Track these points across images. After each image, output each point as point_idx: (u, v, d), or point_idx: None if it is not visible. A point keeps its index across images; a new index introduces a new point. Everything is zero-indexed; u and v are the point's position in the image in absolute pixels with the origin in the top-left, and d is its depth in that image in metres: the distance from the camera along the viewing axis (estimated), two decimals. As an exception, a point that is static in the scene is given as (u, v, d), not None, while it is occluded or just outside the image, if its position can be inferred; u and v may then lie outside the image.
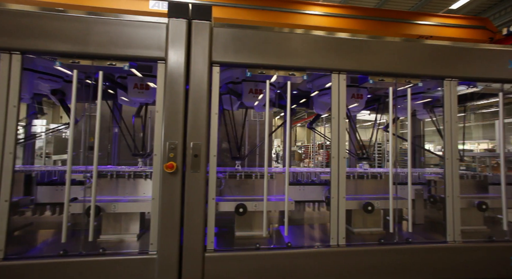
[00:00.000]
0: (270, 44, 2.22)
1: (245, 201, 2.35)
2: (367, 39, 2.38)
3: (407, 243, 2.36)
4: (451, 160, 2.44)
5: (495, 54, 2.49)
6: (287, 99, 2.29)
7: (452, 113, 2.48)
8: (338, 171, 2.28)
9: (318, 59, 2.27)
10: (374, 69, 2.36)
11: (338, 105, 2.32)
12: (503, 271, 2.42)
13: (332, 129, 2.30)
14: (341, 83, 2.32)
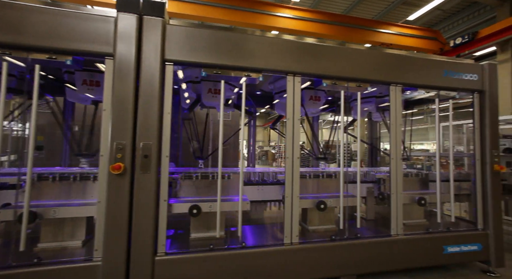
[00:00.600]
0: (227, 45, 2.22)
1: (200, 201, 2.32)
2: (321, 44, 2.48)
3: (356, 238, 2.51)
4: (395, 159, 2.64)
5: (432, 64, 2.74)
6: (242, 100, 2.30)
7: (397, 116, 2.68)
8: (292, 171, 2.35)
9: (274, 61, 2.32)
10: (328, 73, 2.46)
11: (293, 107, 2.38)
12: (437, 259, 2.68)
13: (287, 130, 2.37)
14: (296, 85, 2.40)
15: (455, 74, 2.80)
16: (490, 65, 2.88)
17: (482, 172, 2.88)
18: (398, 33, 9.96)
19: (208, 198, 2.44)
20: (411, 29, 10.04)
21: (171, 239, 2.41)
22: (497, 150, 2.86)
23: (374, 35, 9.83)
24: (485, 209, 2.84)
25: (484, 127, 2.87)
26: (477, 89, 2.88)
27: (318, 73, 2.44)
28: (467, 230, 2.81)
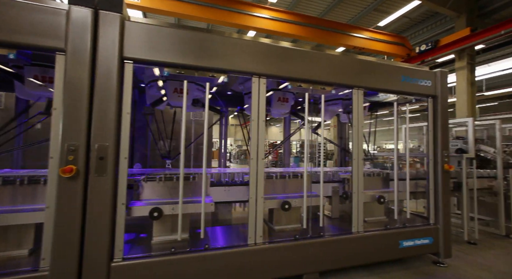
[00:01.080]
0: (190, 44, 2.18)
1: (165, 204, 2.27)
2: (287, 47, 2.52)
3: (319, 237, 2.59)
4: (357, 160, 2.76)
5: (392, 70, 2.90)
6: (205, 100, 2.28)
7: (359, 118, 2.80)
8: (256, 172, 2.36)
9: (239, 62, 2.32)
10: (293, 75, 2.51)
11: (258, 108, 2.40)
12: (394, 253, 2.85)
13: (252, 131, 2.38)
14: (261, 87, 2.42)
15: (411, 80, 2.99)
16: (441, 72, 3.11)
17: (434, 171, 3.10)
18: (369, 38, 10.39)
19: (172, 200, 2.39)
20: (382, 35, 10.54)
21: (132, 243, 2.33)
22: (447, 150, 3.10)
23: (348, 39, 10.18)
24: (437, 205, 3.08)
25: (437, 129, 3.10)
26: (431, 94, 3.10)
27: (283, 76, 2.48)
28: (420, 225, 3.02)
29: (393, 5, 10.62)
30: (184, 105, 2.22)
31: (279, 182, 2.86)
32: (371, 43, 10.45)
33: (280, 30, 9.25)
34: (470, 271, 2.88)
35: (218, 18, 8.59)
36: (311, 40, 10.06)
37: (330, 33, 10.01)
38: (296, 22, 9.47)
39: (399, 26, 12.45)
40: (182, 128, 2.22)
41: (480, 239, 3.91)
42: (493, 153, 4.15)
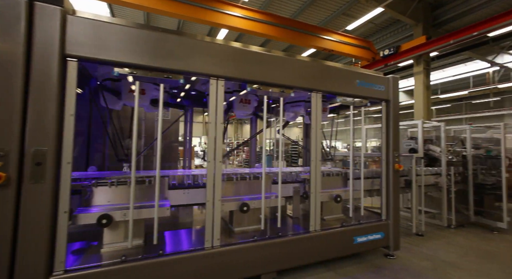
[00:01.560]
0: (144, 43, 2.09)
1: (116, 210, 2.16)
2: (247, 49, 2.52)
3: (277, 237, 2.65)
4: (315, 161, 2.87)
5: (348, 74, 3.04)
6: (160, 101, 2.20)
7: (317, 121, 2.90)
8: (214, 174, 2.35)
9: (196, 63, 2.27)
10: (252, 78, 2.52)
11: (216, 111, 2.38)
12: (349, 249, 3.02)
13: (209, 134, 2.35)
14: (219, 89, 2.39)
15: (366, 84, 3.16)
16: (393, 78, 3.34)
17: (386, 170, 3.33)
18: (338, 40, 10.79)
19: (126, 206, 2.28)
20: (349, 38, 11.00)
21: (82, 253, 2.19)
22: (398, 151, 3.34)
23: (318, 41, 10.47)
24: (388, 201, 3.31)
25: (389, 131, 3.32)
26: (384, 98, 3.31)
27: (242, 78, 2.48)
28: (373, 221, 3.23)
29: (360, 10, 11.14)
30: (136, 106, 2.13)
31: (240, 184, 2.86)
32: (339, 46, 10.87)
33: (252, 29, 9.24)
34: (415, 261, 3.15)
35: (189, 14, 8.35)
36: (282, 40, 10.20)
37: (301, 34, 10.22)
38: (268, 22, 9.52)
39: (365, 31, 13.11)
40: (134, 130, 2.12)
41: (426, 230, 4.29)
42: (439, 152, 4.56)
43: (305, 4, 11.13)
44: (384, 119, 3.37)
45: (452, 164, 4.59)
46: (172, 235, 2.68)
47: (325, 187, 3.31)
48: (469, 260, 3.23)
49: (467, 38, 8.11)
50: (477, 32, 7.74)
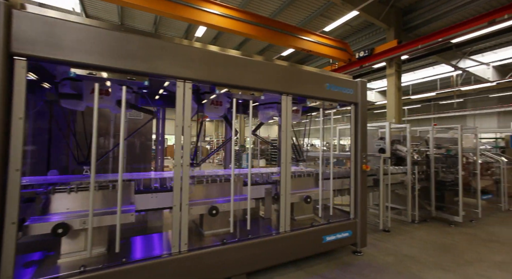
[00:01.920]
0: (103, 43, 1.98)
1: (75, 218, 2.05)
2: (215, 52, 2.48)
3: (247, 239, 2.66)
4: (285, 163, 2.91)
5: (318, 78, 3.11)
6: (122, 104, 2.11)
7: (287, 123, 2.94)
8: (180, 179, 2.30)
9: (161, 65, 2.20)
10: (221, 81, 2.49)
11: (183, 114, 2.33)
12: (318, 248, 3.11)
13: (176, 137, 2.30)
14: (187, 92, 2.34)
15: (336, 88, 3.25)
16: (361, 82, 3.46)
17: (355, 170, 3.46)
18: (316, 41, 11.00)
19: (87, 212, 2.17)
20: (327, 39, 11.26)
21: (34, 265, 2.06)
22: (366, 152, 3.48)
23: (297, 41, 10.60)
24: (356, 201, 3.45)
25: (357, 133, 3.45)
26: (353, 101, 3.43)
27: (211, 81, 2.44)
28: (342, 220, 3.35)
29: (337, 12, 11.41)
30: (95, 109, 2.02)
31: (210, 186, 2.84)
32: (317, 47, 11.09)
33: (231, 27, 9.15)
34: (379, 257, 3.32)
35: (166, 10, 8.10)
36: (261, 39, 10.21)
37: (280, 34, 10.28)
38: (247, 21, 9.47)
39: (342, 33, 13.46)
40: (94, 133, 2.02)
41: (393, 226, 4.53)
42: (405, 152, 4.82)
43: (284, 4, 11.20)
44: (352, 122, 3.49)
45: (417, 163, 4.87)
46: (139, 241, 2.59)
47: (296, 188, 3.39)
48: (428, 253, 3.46)
49: (433, 43, 8.62)
50: (441, 38, 8.24)
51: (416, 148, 5.35)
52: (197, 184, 2.76)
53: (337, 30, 12.90)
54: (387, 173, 4.35)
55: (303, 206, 3.46)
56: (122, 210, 2.20)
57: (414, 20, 10.83)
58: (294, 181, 3.35)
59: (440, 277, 2.83)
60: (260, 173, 3.49)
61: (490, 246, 3.75)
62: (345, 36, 13.91)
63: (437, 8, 9.74)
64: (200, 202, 2.69)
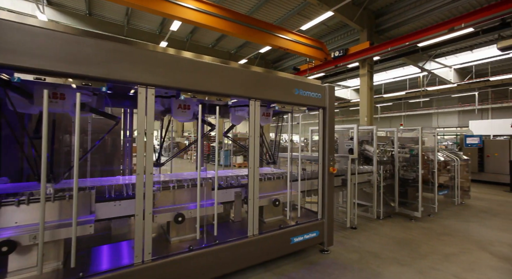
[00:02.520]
0: (54, 46, 1.85)
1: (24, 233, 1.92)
2: (178, 56, 2.42)
3: (214, 244, 2.67)
4: (253, 168, 2.94)
5: (286, 83, 3.16)
6: (76, 111, 2.00)
7: (255, 128, 2.96)
8: (143, 186, 2.24)
9: (120, 71, 2.10)
10: (186, 86, 2.44)
11: (146, 121, 2.25)
12: (286, 249, 3.20)
13: (138, 145, 2.23)
14: (149, 98, 2.27)
15: (304, 92, 3.32)
16: (329, 87, 3.57)
17: (322, 172, 3.59)
18: (293, 40, 11.09)
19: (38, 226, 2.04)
20: (304, 38, 11.40)
21: (-22, 284, 1.91)
22: (333, 155, 3.61)
23: (274, 39, 10.62)
24: (323, 201, 3.58)
25: (325, 137, 3.56)
26: (321, 106, 3.52)
27: (175, 86, 2.39)
28: (310, 221, 3.47)
29: (313, 12, 11.57)
30: (44, 117, 1.88)
31: (177, 192, 2.79)
32: (295, 45, 11.20)
33: (206, 23, 8.94)
34: (344, 254, 3.49)
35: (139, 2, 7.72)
36: (238, 36, 10.11)
37: (258, 31, 10.22)
38: (224, 17, 9.30)
39: (319, 32, 13.71)
40: (44, 142, 1.89)
41: (359, 223, 4.78)
42: (372, 152, 5.07)
43: (262, 1, 11.13)
44: (320, 125, 3.60)
45: (383, 162, 5.15)
46: (101, 251, 2.50)
47: (266, 190, 3.44)
48: (388, 248, 3.70)
49: (401, 46, 9.09)
50: (408, 42, 8.71)
51: (383, 148, 5.65)
52: (162, 190, 2.70)
53: (314, 29, 13.11)
54: (355, 173, 4.56)
55: (273, 208, 3.53)
56: (79, 221, 2.10)
57: (385, 23, 11.31)
58: (264, 184, 3.40)
59: (397, 272, 3.05)
60: (230, 176, 3.50)
61: (443, 239, 4.09)
62: (321, 35, 14.18)
63: (405, 12, 10.24)
64: (165, 209, 2.64)
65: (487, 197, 7.33)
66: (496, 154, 9.75)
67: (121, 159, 4.00)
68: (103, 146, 3.92)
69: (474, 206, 6.25)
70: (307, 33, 12.99)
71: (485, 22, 7.15)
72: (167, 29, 12.92)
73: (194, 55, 2.55)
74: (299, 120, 3.51)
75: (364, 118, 11.31)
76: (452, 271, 3.09)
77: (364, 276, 2.94)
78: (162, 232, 3.03)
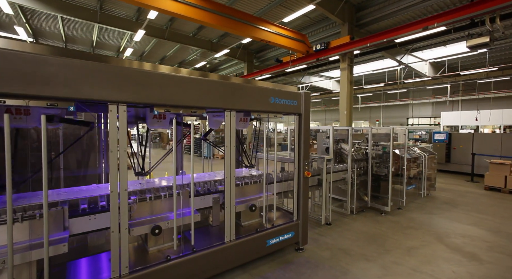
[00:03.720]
0: (12, 67, 1.76)
1: None
2: (151, 71, 2.38)
3: (192, 252, 2.77)
4: (229, 178, 3.02)
5: (262, 92, 3.20)
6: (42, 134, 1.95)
7: (231, 138, 3.02)
8: (117, 202, 2.26)
9: (88, 89, 2.05)
10: (159, 101, 2.42)
11: (118, 138, 2.23)
12: (262, 251, 3.37)
13: (111, 163, 2.22)
14: (121, 114, 2.24)
15: (280, 100, 3.39)
16: (305, 94, 3.66)
17: (298, 176, 3.74)
18: (275, 32, 10.97)
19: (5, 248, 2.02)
20: (286, 31, 11.30)
21: None
22: (308, 160, 3.76)
23: (255, 31, 10.45)
24: (299, 204, 3.76)
25: (300, 142, 3.69)
26: (297, 112, 3.62)
27: (148, 102, 2.36)
28: (285, 223, 3.65)
29: (296, 3, 11.42)
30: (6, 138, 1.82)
31: (153, 203, 2.83)
32: (276, 38, 11.10)
33: (184, 14, 8.61)
34: (318, 252, 3.74)
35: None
36: (218, 28, 9.83)
37: (238, 23, 10.00)
38: (202, 7, 8.99)
39: (301, 24, 13.60)
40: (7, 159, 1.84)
41: (334, 219, 5.08)
42: (347, 151, 5.31)
43: (242, -9, 10.80)
44: (296, 131, 3.71)
45: (358, 160, 5.42)
46: (77, 266, 2.52)
47: (244, 195, 3.55)
48: (358, 244, 4.00)
49: (379, 42, 9.31)
50: (386, 39, 8.93)
51: (358, 145, 5.92)
52: (139, 201, 2.72)
53: (296, 21, 12.99)
54: (330, 172, 4.78)
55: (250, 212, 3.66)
56: (52, 241, 2.11)
57: (365, 17, 11.43)
58: (241, 189, 3.50)
59: (363, 268, 3.34)
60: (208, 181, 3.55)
61: (407, 233, 4.47)
62: (303, 27, 14.10)
63: (384, 8, 10.40)
64: (141, 221, 2.67)
65: (450, 188, 7.97)
66: (461, 146, 10.50)
67: (97, 163, 3.92)
68: (79, 150, 3.81)
69: (438, 198, 6.79)
70: (290, 25, 12.87)
71: (456, 22, 7.48)
72: (144, 16, 12.27)
73: (168, 69, 2.51)
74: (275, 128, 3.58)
75: (343, 112, 11.63)
76: (411, 265, 3.42)
77: (334, 274, 3.19)
78: (140, 241, 3.08)
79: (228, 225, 3.03)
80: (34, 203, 2.30)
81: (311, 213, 5.19)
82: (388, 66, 17.89)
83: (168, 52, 18.82)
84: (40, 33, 15.34)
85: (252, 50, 18.61)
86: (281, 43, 11.37)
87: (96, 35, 15.51)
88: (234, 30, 10.00)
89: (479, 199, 6.67)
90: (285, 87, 3.56)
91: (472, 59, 16.89)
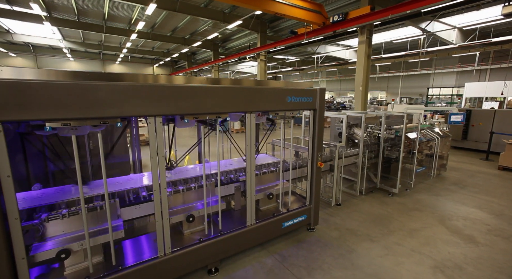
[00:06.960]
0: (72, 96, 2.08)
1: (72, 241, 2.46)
2: (181, 85, 2.63)
3: (220, 235, 3.29)
4: (250, 172, 3.39)
5: (279, 93, 3.39)
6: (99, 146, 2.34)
7: (251, 137, 3.32)
8: (160, 202, 2.72)
9: (131, 107, 2.36)
10: (188, 111, 2.71)
11: (156, 145, 2.60)
12: (279, 232, 3.89)
13: (152, 168, 2.62)
14: (158, 125, 2.57)
15: (296, 98, 3.58)
16: (320, 89, 3.80)
17: (311, 166, 4.08)
18: (290, 4, 10.43)
19: (82, 233, 2.57)
20: (301, 1, 10.70)
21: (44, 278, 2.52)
22: (321, 151, 4.05)
23: (268, 4, 10.01)
24: (311, 190, 4.16)
25: (314, 136, 3.95)
26: (312, 108, 3.82)
27: (179, 113, 2.67)
28: (299, 207, 4.09)
29: (312, -30, 10.58)
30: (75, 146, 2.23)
31: (186, 194, 3.29)
32: (290, 10, 10.58)
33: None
34: (327, 232, 4.23)
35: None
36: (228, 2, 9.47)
37: (252, -5, 9.56)
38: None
39: (316, -9, 12.66)
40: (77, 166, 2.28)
41: (343, 199, 5.50)
42: (359, 137, 5.51)
43: (256, -42, 10.05)
44: (311, 125, 3.95)
45: (370, 145, 5.64)
46: (130, 245, 3.12)
47: (262, 183, 3.97)
48: (364, 225, 4.45)
49: (402, 14, 8.72)
50: (409, 10, 8.34)
51: (371, 129, 6.07)
52: (174, 193, 3.19)
53: (312, -12, 12.10)
54: (342, 157, 5.06)
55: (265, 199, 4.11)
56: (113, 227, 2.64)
57: (389, -16, 10.50)
58: (260, 178, 3.91)
59: (367, 248, 3.80)
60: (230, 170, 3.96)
61: (411, 214, 4.85)
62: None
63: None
64: (177, 210, 3.16)
65: (462, 167, 8.09)
66: (480, 123, 10.26)
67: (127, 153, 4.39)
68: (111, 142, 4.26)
69: (447, 178, 7.00)
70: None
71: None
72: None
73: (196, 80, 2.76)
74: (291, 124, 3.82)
75: (359, 88, 11.40)
76: (412, 246, 3.85)
77: (340, 252, 3.68)
78: (176, 224, 3.64)
79: (249, 211, 3.50)
80: (92, 194, 2.79)
81: (322, 193, 5.61)
82: (411, 35, 16.71)
83: (179, 23, 18.35)
84: (53, 7, 15.29)
85: (266, 20, 17.74)
86: (296, 15, 10.85)
87: (107, 7, 15.29)
88: (245, 3, 9.62)
89: (489, 180, 6.83)
90: (301, 85, 3.71)
91: (508, 26, 15.34)
